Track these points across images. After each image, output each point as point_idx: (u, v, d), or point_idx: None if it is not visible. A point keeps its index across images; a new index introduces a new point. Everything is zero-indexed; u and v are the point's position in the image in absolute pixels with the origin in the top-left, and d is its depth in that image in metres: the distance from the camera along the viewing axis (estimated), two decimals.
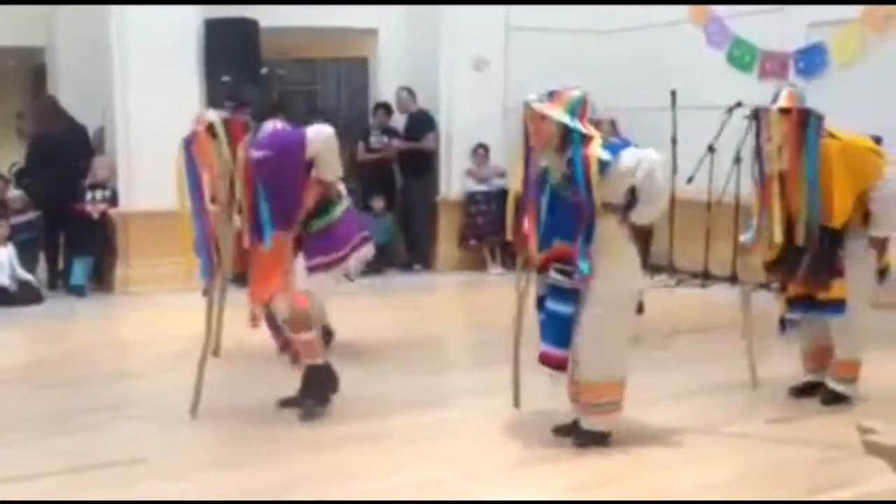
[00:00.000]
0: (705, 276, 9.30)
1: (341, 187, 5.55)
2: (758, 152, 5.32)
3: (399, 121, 10.63)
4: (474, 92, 10.31)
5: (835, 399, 5.43)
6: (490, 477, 4.47)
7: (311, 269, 5.22)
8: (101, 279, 9.11)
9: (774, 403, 5.47)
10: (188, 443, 4.99)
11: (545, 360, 4.65)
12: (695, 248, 9.33)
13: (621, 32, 10.40)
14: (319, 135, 5.15)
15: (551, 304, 4.61)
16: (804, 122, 5.11)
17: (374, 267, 10.06)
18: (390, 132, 10.56)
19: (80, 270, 8.94)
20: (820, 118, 5.15)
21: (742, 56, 9.35)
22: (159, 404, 5.47)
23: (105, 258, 9.08)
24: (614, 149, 4.49)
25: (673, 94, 9.40)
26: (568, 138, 4.47)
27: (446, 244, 10.48)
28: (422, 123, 10.41)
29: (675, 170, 9.43)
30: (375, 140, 10.50)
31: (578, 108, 4.51)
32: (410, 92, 10.39)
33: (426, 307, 8.82)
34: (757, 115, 5.34)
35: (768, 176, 5.21)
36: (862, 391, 5.44)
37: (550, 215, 4.62)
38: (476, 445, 4.82)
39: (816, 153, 5.08)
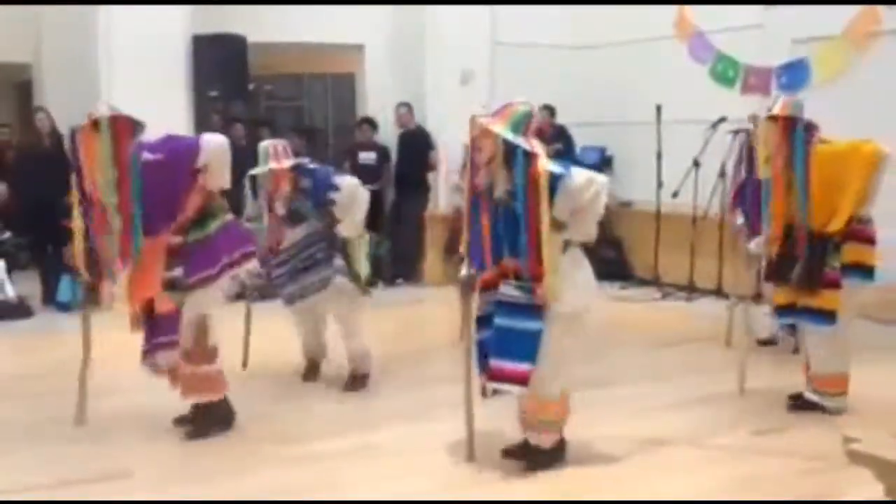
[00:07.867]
0: (691, 290, 9.35)
1: (223, 201, 5.25)
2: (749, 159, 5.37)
3: (386, 138, 10.59)
4: (461, 107, 10.31)
5: (808, 407, 5.48)
6: (476, 489, 4.49)
7: (193, 285, 5.03)
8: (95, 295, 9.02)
9: (761, 415, 5.49)
10: (171, 456, 4.97)
11: (505, 376, 4.44)
12: (680, 262, 9.39)
13: (606, 48, 10.47)
14: (212, 142, 5.05)
15: (507, 321, 4.44)
16: (791, 129, 5.16)
17: None
18: (380, 149, 10.48)
19: (66, 287, 8.88)
20: (810, 126, 5.18)
21: (725, 71, 9.42)
22: (140, 417, 5.47)
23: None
24: (565, 166, 4.39)
25: (658, 108, 9.47)
26: (512, 154, 4.34)
27: (433, 258, 10.49)
28: (419, 141, 10.32)
29: (660, 184, 9.54)
30: (365, 156, 10.37)
31: (523, 123, 4.39)
32: (409, 107, 10.32)
33: (412, 321, 8.82)
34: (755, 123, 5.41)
35: (765, 181, 5.27)
36: (848, 402, 5.48)
37: (498, 231, 4.48)
38: (459, 458, 4.79)
39: (804, 160, 5.12)
